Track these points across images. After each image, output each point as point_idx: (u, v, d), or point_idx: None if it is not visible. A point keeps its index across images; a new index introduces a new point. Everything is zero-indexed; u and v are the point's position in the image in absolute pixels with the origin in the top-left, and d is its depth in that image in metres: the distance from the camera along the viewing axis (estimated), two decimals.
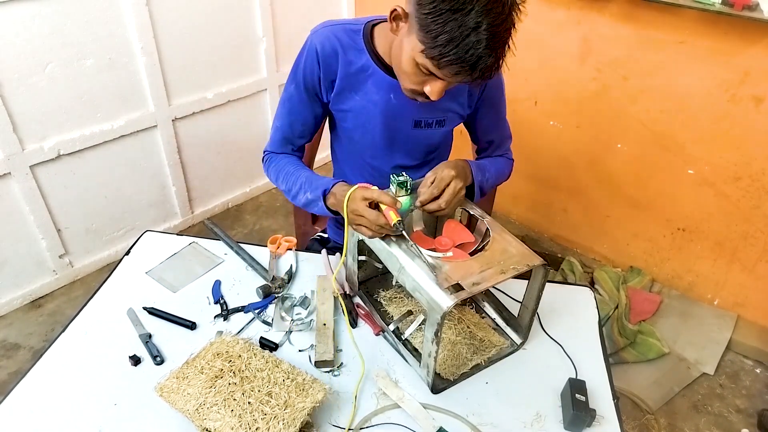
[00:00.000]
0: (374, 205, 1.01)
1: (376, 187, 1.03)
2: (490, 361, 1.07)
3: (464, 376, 1.04)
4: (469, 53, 0.89)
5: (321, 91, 1.20)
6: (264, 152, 1.31)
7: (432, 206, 1.05)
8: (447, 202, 1.05)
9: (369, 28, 1.14)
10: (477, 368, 1.06)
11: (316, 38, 1.14)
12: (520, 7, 0.92)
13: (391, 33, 1.03)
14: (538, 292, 1.02)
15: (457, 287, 0.90)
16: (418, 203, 1.06)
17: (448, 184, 1.05)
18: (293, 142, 1.28)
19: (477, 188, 1.18)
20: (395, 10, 0.98)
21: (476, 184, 1.17)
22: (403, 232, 0.98)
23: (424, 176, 1.09)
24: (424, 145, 1.29)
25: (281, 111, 1.25)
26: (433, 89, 1.00)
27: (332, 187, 1.10)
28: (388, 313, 1.16)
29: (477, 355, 1.07)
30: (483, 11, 0.86)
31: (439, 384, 1.02)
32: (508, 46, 0.94)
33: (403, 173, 1.10)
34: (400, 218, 0.98)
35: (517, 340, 1.11)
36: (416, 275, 0.94)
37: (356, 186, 1.03)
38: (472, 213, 1.11)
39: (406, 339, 1.08)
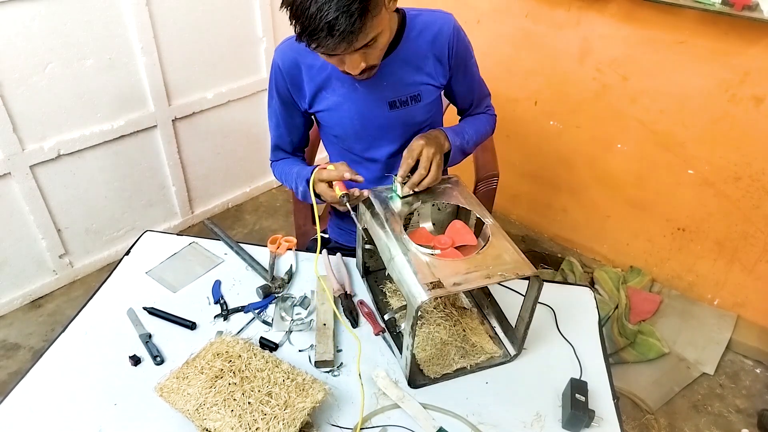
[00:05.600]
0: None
1: (331, 165, 1.09)
2: (478, 367, 1.06)
3: (446, 377, 1.04)
4: (317, 24, 0.89)
5: (296, 101, 1.25)
6: (270, 162, 1.39)
7: (415, 178, 1.10)
8: (425, 168, 1.09)
9: None
10: (462, 372, 1.05)
11: (277, 55, 1.20)
12: None
13: None
14: (532, 304, 0.99)
15: (438, 284, 0.90)
16: (399, 179, 1.10)
17: (420, 153, 1.10)
18: (289, 149, 1.36)
19: (457, 151, 1.22)
20: None
21: (454, 147, 1.21)
22: (347, 204, 1.05)
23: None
24: (409, 125, 1.27)
25: (271, 124, 1.32)
26: (347, 66, 1.02)
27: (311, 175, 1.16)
28: (390, 305, 1.18)
29: (465, 359, 1.06)
30: None
31: (419, 379, 1.02)
32: None
33: None
34: (345, 192, 1.04)
35: (512, 351, 1.09)
36: (401, 267, 0.95)
37: (314, 169, 1.11)
38: (478, 217, 1.10)
39: (399, 332, 1.10)
